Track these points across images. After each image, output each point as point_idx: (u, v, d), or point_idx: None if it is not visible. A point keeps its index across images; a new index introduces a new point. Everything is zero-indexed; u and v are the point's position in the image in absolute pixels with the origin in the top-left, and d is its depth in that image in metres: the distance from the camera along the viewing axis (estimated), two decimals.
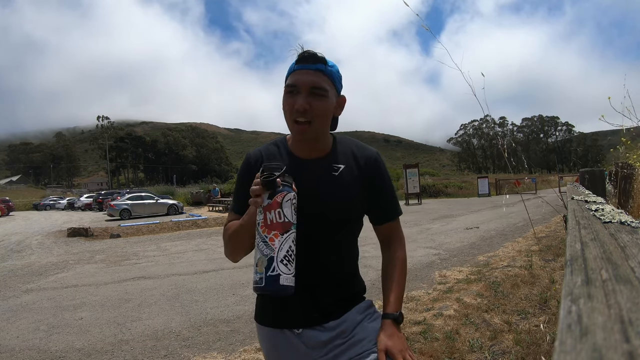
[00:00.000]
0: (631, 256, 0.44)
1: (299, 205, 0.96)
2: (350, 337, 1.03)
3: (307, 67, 0.98)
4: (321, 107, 0.97)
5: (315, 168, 1.04)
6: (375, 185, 1.08)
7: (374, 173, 1.07)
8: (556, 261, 4.96)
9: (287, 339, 1.05)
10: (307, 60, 0.99)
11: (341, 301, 1.05)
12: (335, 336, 1.03)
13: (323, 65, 0.99)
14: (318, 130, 0.99)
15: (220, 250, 7.93)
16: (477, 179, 26.07)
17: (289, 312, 1.04)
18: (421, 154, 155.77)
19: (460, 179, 42.81)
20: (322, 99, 0.97)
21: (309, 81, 0.97)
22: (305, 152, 1.06)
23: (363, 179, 1.06)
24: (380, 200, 1.09)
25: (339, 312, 1.05)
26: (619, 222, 0.69)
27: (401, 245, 1.13)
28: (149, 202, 19.20)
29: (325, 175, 1.04)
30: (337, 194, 1.02)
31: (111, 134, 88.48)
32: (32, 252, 9.05)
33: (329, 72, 1.00)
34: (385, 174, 1.10)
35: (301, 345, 1.03)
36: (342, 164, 1.05)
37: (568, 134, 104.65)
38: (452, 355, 2.60)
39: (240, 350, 3.01)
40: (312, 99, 0.96)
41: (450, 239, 7.63)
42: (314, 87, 0.97)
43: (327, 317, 1.03)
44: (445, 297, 3.89)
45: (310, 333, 1.03)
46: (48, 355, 3.09)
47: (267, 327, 1.08)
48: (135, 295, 4.74)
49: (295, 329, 1.04)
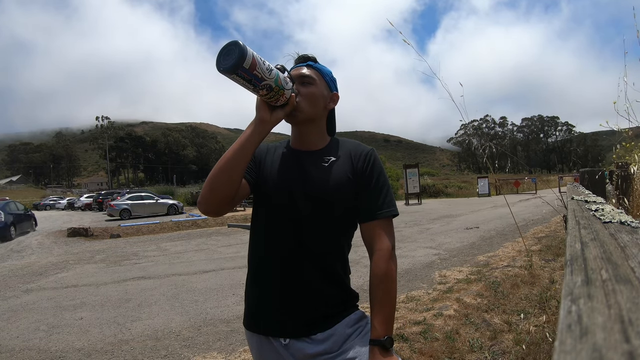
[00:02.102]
0: (631, 256, 0.44)
1: (288, 190, 1.05)
2: (339, 354, 1.01)
3: (299, 65, 1.12)
4: (307, 92, 1.06)
5: (308, 158, 1.09)
6: (363, 177, 1.06)
7: (363, 166, 1.07)
8: (556, 261, 4.96)
9: (273, 348, 1.04)
10: (299, 60, 1.13)
11: (329, 311, 1.03)
12: (322, 351, 1.01)
13: (312, 62, 1.12)
14: (307, 113, 1.06)
15: (221, 250, 7.98)
16: (477, 179, 26.06)
17: (274, 320, 1.03)
18: (421, 154, 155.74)
19: (460, 179, 42.85)
20: (309, 86, 1.07)
21: (298, 74, 1.08)
22: (301, 142, 1.12)
23: (353, 171, 1.06)
24: (366, 194, 1.05)
25: (326, 323, 1.02)
26: (619, 222, 0.69)
27: (384, 254, 1.01)
28: (149, 202, 19.19)
29: (315, 164, 1.08)
30: (322, 180, 1.05)
31: (111, 134, 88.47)
32: (32, 252, 9.05)
33: (317, 67, 1.12)
34: (375, 168, 1.07)
35: (289, 356, 1.02)
36: (333, 156, 1.09)
37: (568, 134, 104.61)
38: (452, 355, 2.61)
39: (240, 350, 3.01)
40: (300, 86, 1.07)
41: (450, 239, 7.63)
42: (301, 76, 1.08)
43: (312, 328, 1.01)
44: (445, 297, 3.89)
45: (297, 345, 1.01)
46: (48, 355, 3.09)
47: (255, 333, 1.07)
48: (135, 295, 4.74)
49: (282, 339, 1.03)
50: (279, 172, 1.09)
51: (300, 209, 1.03)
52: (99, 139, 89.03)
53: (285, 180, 1.07)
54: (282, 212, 1.05)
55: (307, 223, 1.03)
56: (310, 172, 1.06)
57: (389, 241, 1.03)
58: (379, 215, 1.04)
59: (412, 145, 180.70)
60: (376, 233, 1.03)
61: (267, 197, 1.08)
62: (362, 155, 1.08)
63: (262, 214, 1.09)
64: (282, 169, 1.09)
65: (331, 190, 1.04)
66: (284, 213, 1.05)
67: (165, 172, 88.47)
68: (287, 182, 1.06)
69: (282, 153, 1.13)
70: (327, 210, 1.04)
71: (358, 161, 1.07)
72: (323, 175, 1.05)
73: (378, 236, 1.03)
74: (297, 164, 1.09)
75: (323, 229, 1.04)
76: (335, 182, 1.04)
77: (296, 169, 1.08)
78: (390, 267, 1.00)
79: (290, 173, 1.08)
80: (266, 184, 1.08)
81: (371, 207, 1.05)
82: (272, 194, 1.07)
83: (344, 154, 1.10)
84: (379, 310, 0.98)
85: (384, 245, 1.02)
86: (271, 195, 1.07)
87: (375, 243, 1.03)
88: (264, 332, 1.05)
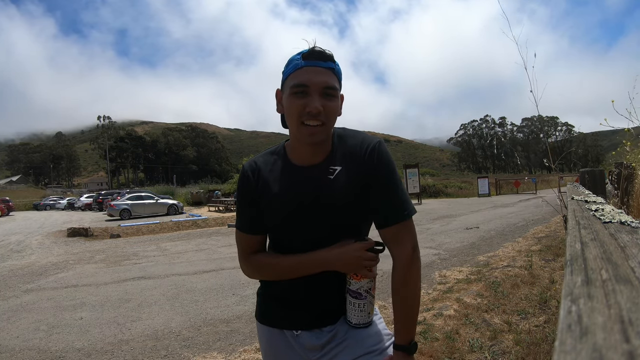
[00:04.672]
0: (631, 256, 0.44)
1: (300, 213, 0.98)
2: (342, 341, 1.02)
3: (318, 65, 0.92)
4: (333, 108, 0.93)
5: (312, 174, 0.98)
6: (371, 179, 0.96)
7: (370, 170, 0.96)
8: (556, 261, 4.96)
9: (285, 339, 1.05)
10: (318, 57, 0.92)
11: (341, 305, 1.05)
12: (329, 340, 1.03)
13: (333, 63, 0.94)
14: (329, 131, 0.95)
15: (221, 250, 7.98)
16: (477, 179, 26.06)
17: (291, 314, 1.04)
18: (421, 154, 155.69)
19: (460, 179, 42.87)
20: (334, 100, 0.93)
21: (322, 81, 0.90)
22: (306, 158, 0.99)
23: (360, 179, 0.96)
24: (377, 197, 0.96)
25: (337, 316, 1.04)
26: (619, 222, 0.69)
27: (402, 261, 0.95)
28: (149, 202, 19.19)
29: (321, 180, 0.97)
30: (331, 199, 0.96)
31: (111, 134, 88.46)
32: (32, 252, 9.05)
33: (338, 71, 0.96)
34: (382, 166, 0.96)
35: (298, 346, 1.04)
36: (339, 165, 0.98)
37: (568, 134, 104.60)
38: (452, 355, 2.60)
39: (240, 350, 3.01)
40: (324, 100, 0.91)
41: (450, 239, 7.63)
42: (327, 87, 0.91)
43: (325, 321, 1.03)
44: (445, 297, 3.89)
45: (307, 336, 1.03)
46: (48, 355, 3.09)
47: (267, 326, 1.08)
48: (135, 295, 4.74)
49: (294, 330, 1.04)
50: (288, 202, 0.98)
51: (317, 230, 0.98)
52: (99, 138, 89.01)
53: (296, 211, 0.98)
54: (299, 236, 1.00)
55: (326, 242, 0.98)
56: (320, 191, 0.97)
57: (409, 244, 0.96)
58: (393, 221, 0.95)
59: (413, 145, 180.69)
60: (393, 239, 0.97)
61: (281, 230, 1.02)
62: (367, 154, 0.96)
63: (277, 240, 1.05)
64: (291, 197, 0.98)
65: (345, 208, 0.97)
66: (301, 236, 1.00)
67: (165, 172, 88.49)
68: (299, 213, 0.98)
69: (282, 174, 1.00)
70: (345, 225, 0.99)
71: (363, 162, 0.96)
72: (333, 193, 0.96)
73: (395, 242, 0.96)
74: (303, 185, 0.98)
75: (342, 238, 1.00)
76: (347, 195, 0.96)
77: (304, 192, 0.97)
78: (410, 273, 0.95)
79: (300, 198, 0.97)
80: (277, 219, 1.00)
81: (385, 212, 0.96)
82: (286, 227, 1.00)
83: (348, 156, 0.98)
84: (400, 316, 0.96)
85: (402, 252, 0.95)
86: (285, 228, 1.01)
87: (393, 249, 0.97)
88: (278, 326, 1.06)
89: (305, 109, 0.90)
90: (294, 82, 0.92)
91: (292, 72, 0.93)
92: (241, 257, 1.07)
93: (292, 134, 0.98)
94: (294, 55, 0.95)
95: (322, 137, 0.93)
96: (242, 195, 1.04)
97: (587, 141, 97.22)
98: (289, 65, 0.95)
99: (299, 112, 0.91)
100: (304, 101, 0.90)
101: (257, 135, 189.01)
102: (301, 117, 0.91)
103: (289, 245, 1.02)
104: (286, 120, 0.97)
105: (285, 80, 0.96)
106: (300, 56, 0.93)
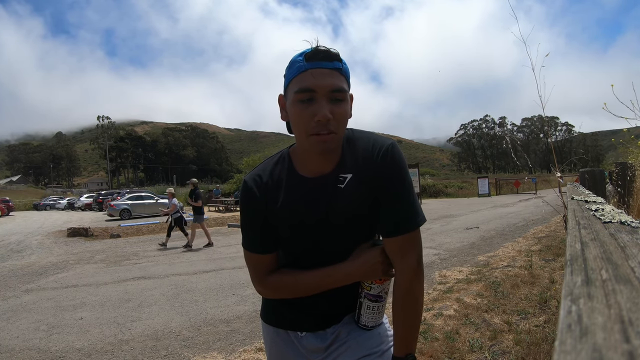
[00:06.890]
0: (631, 256, 0.44)
1: (312, 226, 0.94)
2: (345, 342, 1.02)
3: (323, 66, 0.83)
4: (343, 113, 0.84)
5: (322, 185, 0.92)
6: (382, 189, 0.90)
7: (382, 175, 0.89)
8: (556, 261, 4.96)
9: (290, 340, 1.06)
10: (323, 58, 0.83)
11: (347, 307, 1.04)
12: (332, 341, 1.03)
13: (339, 63, 0.85)
14: (340, 139, 0.87)
15: (221, 250, 7.98)
16: (477, 179, 26.07)
17: (297, 317, 1.04)
18: (421, 154, 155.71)
19: (460, 179, 42.87)
20: (343, 104, 0.84)
21: (329, 84, 0.82)
22: (314, 168, 0.92)
23: (372, 185, 0.90)
24: (386, 205, 0.90)
25: (341, 317, 1.04)
26: (619, 222, 0.69)
27: (405, 274, 0.90)
28: (149, 202, 19.18)
29: (330, 189, 0.91)
30: (343, 209, 0.91)
31: (111, 134, 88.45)
32: (32, 252, 9.05)
33: (345, 70, 0.87)
34: (397, 173, 0.89)
35: (302, 348, 1.04)
36: (349, 172, 0.91)
37: (568, 134, 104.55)
38: (452, 355, 2.60)
39: (240, 350, 3.01)
40: (332, 105, 0.83)
41: (450, 239, 7.63)
42: (334, 90, 0.82)
43: (330, 323, 1.03)
44: (445, 297, 3.89)
45: (312, 337, 1.03)
46: (48, 355, 3.09)
47: (272, 326, 1.08)
48: (135, 295, 4.74)
49: (300, 332, 1.04)
50: (299, 217, 0.93)
51: (332, 242, 0.96)
52: (99, 138, 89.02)
53: (308, 225, 0.93)
54: (313, 249, 0.97)
55: (342, 252, 0.96)
56: (331, 202, 0.91)
57: (413, 255, 0.90)
58: (398, 232, 0.89)
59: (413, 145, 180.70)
60: (397, 249, 0.90)
61: (293, 244, 0.98)
62: (379, 158, 0.89)
63: (290, 254, 1.01)
64: (302, 211, 0.92)
65: (358, 217, 0.93)
66: (315, 249, 0.97)
67: (165, 172, 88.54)
68: (311, 227, 0.93)
69: (290, 187, 0.93)
70: (358, 233, 0.96)
71: (375, 167, 0.89)
72: (344, 202, 0.91)
73: (399, 252, 0.90)
74: (314, 198, 0.92)
75: (357, 245, 0.98)
76: (359, 204, 0.91)
77: (315, 205, 0.92)
78: (412, 286, 0.90)
79: (311, 212, 0.92)
80: (288, 233, 0.96)
81: (392, 221, 0.89)
82: (298, 241, 0.97)
83: (359, 162, 0.91)
84: (399, 327, 0.92)
85: (406, 263, 0.89)
86: (298, 242, 0.97)
87: (396, 260, 0.91)
88: (284, 327, 1.06)
89: (313, 118, 0.82)
90: (298, 87, 0.83)
91: (296, 75, 0.84)
92: (255, 279, 1.00)
93: (299, 143, 0.90)
94: (296, 56, 0.86)
95: (334, 145, 0.85)
96: (248, 213, 0.97)
97: (586, 141, 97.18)
98: (291, 68, 0.86)
99: (307, 122, 0.83)
100: (310, 109, 0.82)
101: (257, 135, 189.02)
102: (309, 130, 0.83)
103: (304, 259, 0.98)
104: (293, 129, 0.90)
105: (288, 85, 0.88)
106: (303, 57, 0.84)
